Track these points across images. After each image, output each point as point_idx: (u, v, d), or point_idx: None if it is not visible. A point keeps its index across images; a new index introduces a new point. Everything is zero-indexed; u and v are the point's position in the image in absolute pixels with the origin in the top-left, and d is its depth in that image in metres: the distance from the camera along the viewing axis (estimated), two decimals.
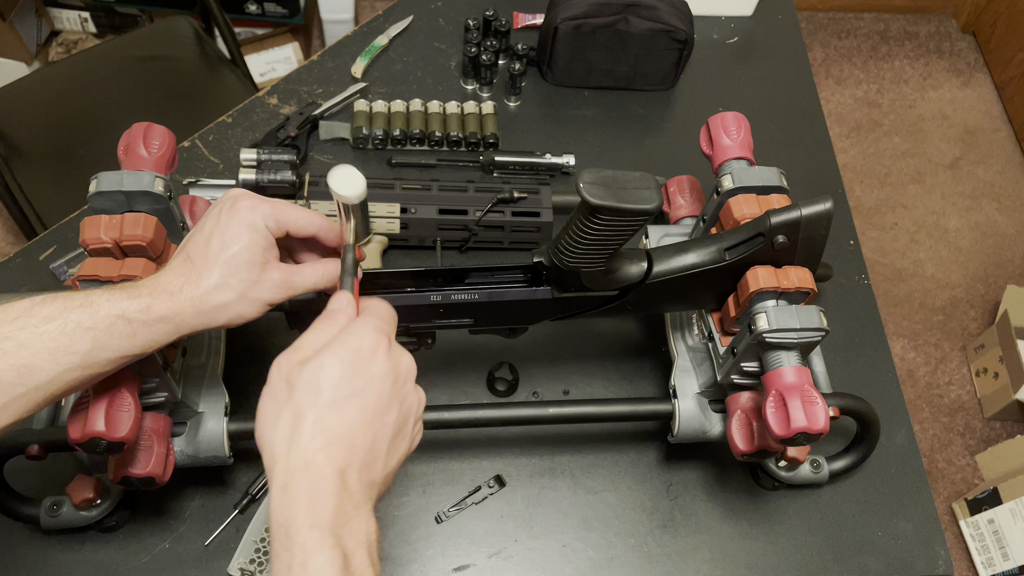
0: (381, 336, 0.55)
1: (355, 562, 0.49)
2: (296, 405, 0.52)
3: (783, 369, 0.72)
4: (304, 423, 0.51)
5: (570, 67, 1.21)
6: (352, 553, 0.49)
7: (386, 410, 0.54)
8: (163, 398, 0.73)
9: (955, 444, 1.95)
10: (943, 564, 0.90)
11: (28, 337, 0.54)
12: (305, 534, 0.48)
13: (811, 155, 1.22)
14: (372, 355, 0.54)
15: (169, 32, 1.65)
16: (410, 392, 0.57)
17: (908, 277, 2.18)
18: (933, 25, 2.69)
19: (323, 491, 0.49)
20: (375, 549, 0.51)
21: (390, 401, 0.54)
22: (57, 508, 0.79)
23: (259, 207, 0.62)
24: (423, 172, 1.13)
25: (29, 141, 1.47)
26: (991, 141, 2.44)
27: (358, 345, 0.54)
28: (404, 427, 0.56)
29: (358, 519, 0.50)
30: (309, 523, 0.48)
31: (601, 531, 0.90)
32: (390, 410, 0.54)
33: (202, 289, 0.60)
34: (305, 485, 0.49)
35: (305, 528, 0.48)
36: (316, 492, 0.49)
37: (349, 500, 0.50)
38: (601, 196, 0.63)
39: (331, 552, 0.48)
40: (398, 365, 0.56)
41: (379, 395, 0.54)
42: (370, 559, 0.50)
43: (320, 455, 0.50)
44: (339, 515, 0.49)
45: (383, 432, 0.54)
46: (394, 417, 0.55)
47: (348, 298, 0.60)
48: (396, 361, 0.56)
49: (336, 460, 0.51)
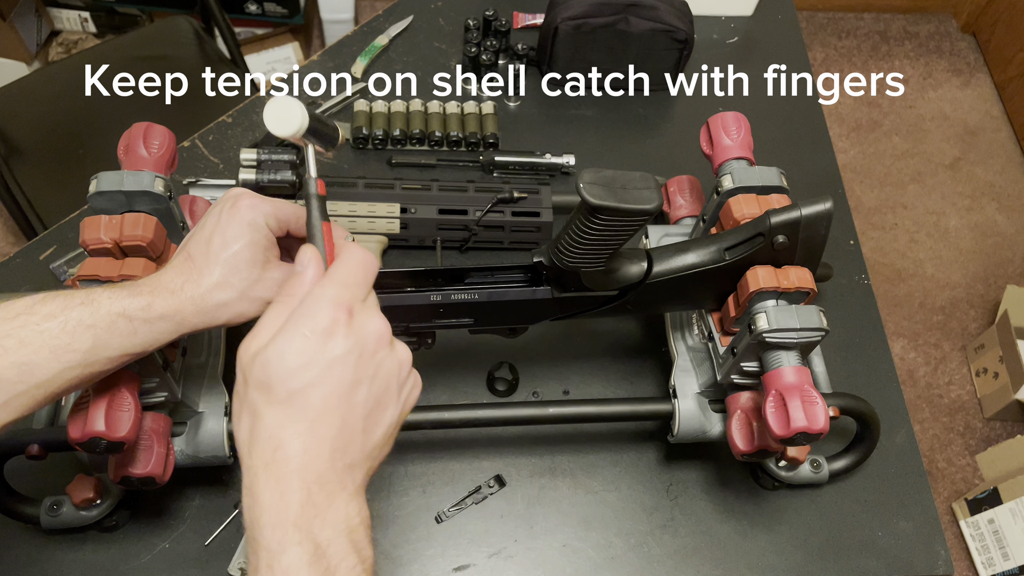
0: (339, 310, 0.50)
1: (332, 551, 0.47)
2: (251, 404, 0.50)
3: (783, 369, 0.72)
4: (260, 422, 0.49)
5: (570, 67, 1.21)
6: (328, 542, 0.47)
7: (352, 390, 0.50)
8: (163, 398, 0.73)
9: (955, 444, 1.95)
10: (943, 564, 0.90)
11: (29, 335, 0.54)
12: (268, 535, 0.47)
13: (811, 155, 1.22)
14: (327, 336, 0.50)
15: (169, 32, 1.65)
16: (384, 359, 0.52)
17: (908, 277, 2.18)
18: (933, 25, 2.69)
19: (287, 488, 0.47)
20: (361, 533, 0.49)
21: (356, 379, 0.50)
22: (57, 508, 0.79)
23: (260, 206, 0.62)
24: (423, 172, 1.13)
25: (29, 141, 1.47)
26: (991, 141, 2.44)
27: (311, 327, 0.50)
28: (384, 396, 0.52)
29: (333, 507, 0.48)
30: (272, 523, 0.47)
31: (601, 531, 0.90)
32: (357, 388, 0.50)
33: (203, 287, 0.60)
34: (267, 484, 0.48)
35: (268, 529, 0.47)
36: (279, 490, 0.47)
37: (320, 491, 0.48)
38: (601, 196, 0.63)
39: (296, 549, 0.46)
40: (362, 338, 0.51)
41: (340, 377, 0.50)
42: (352, 544, 0.48)
43: (279, 453, 0.48)
44: (308, 508, 0.47)
45: (353, 412, 0.50)
46: (364, 394, 0.51)
47: (311, 254, 0.55)
48: (359, 334, 0.51)
49: (299, 455, 0.48)
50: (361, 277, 0.54)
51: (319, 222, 0.57)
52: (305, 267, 0.54)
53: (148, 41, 1.64)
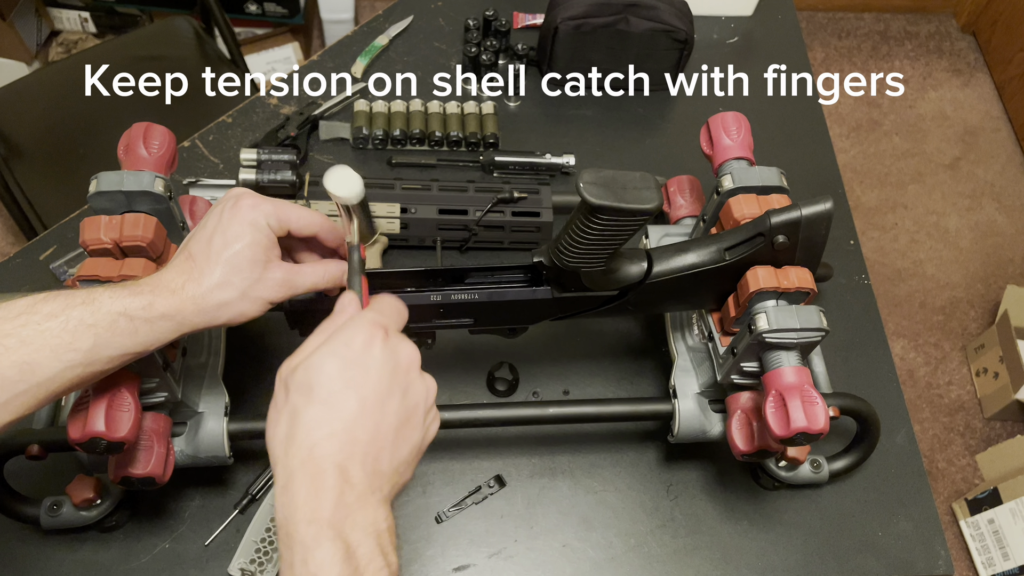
0: (376, 328, 0.55)
1: (361, 552, 0.48)
2: (292, 407, 0.52)
3: (783, 369, 0.72)
4: (299, 422, 0.51)
5: (570, 67, 1.21)
6: (357, 544, 0.49)
7: (386, 399, 0.53)
8: (163, 398, 0.73)
9: (955, 444, 1.95)
10: (943, 564, 0.90)
11: (30, 334, 0.54)
12: (303, 530, 0.48)
13: (811, 155, 1.22)
14: (366, 347, 0.54)
15: (169, 32, 1.65)
16: (415, 380, 0.56)
17: (908, 277, 2.18)
18: (933, 25, 2.69)
19: (321, 486, 0.49)
20: (387, 538, 0.51)
21: (390, 390, 0.54)
22: (57, 508, 0.79)
23: (261, 206, 0.63)
24: (423, 172, 1.13)
25: (29, 141, 1.47)
26: (991, 141, 2.44)
27: (350, 339, 0.54)
28: (413, 416, 0.55)
29: (363, 510, 0.50)
30: (307, 519, 0.48)
31: (601, 531, 0.90)
32: (390, 399, 0.54)
33: (204, 287, 0.60)
34: (303, 482, 0.50)
35: (303, 524, 0.48)
36: (314, 488, 0.49)
37: (351, 492, 0.50)
38: (601, 196, 0.63)
39: (331, 545, 0.48)
40: (396, 354, 0.55)
41: (376, 385, 0.53)
42: (379, 548, 0.50)
43: (316, 451, 0.50)
44: (340, 508, 0.49)
45: (386, 421, 0.53)
46: (396, 405, 0.54)
47: (351, 297, 0.61)
48: (394, 351, 0.55)
49: (334, 454, 0.50)
50: (395, 314, 0.59)
51: (359, 276, 0.64)
52: (345, 306, 0.60)
53: (148, 41, 1.64)
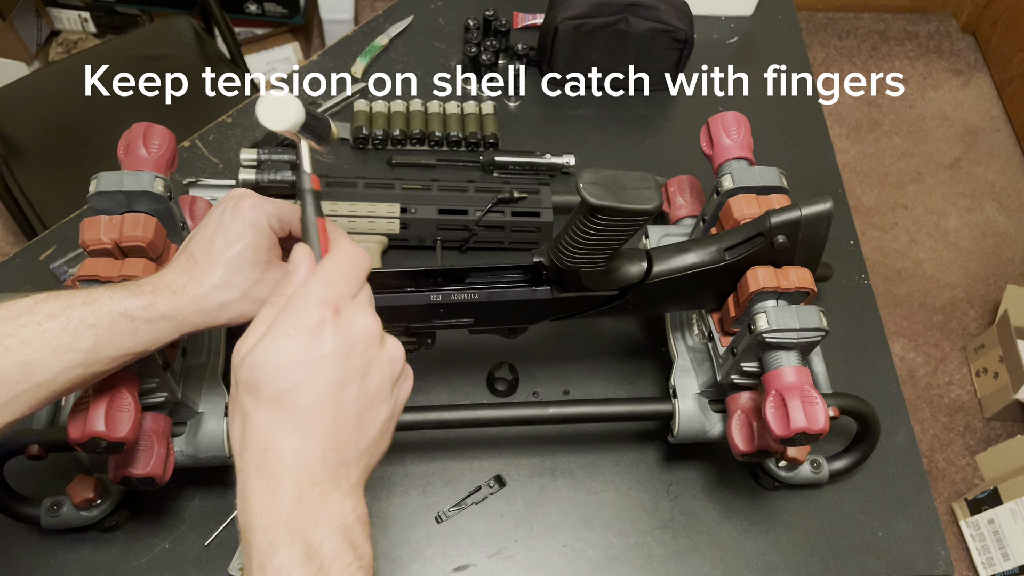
0: (325, 307, 0.50)
1: (325, 549, 0.47)
2: (241, 407, 0.50)
3: (783, 369, 0.72)
4: (249, 424, 0.49)
5: (570, 67, 1.21)
6: (320, 542, 0.47)
7: (341, 388, 0.50)
8: (163, 398, 0.73)
9: (955, 444, 1.95)
10: (943, 564, 0.90)
11: (31, 334, 0.54)
12: (259, 536, 0.47)
13: (811, 155, 1.22)
14: (314, 334, 0.49)
15: (169, 32, 1.65)
16: (375, 356, 0.52)
17: (908, 277, 2.18)
18: (933, 25, 2.69)
19: (277, 489, 0.47)
20: (357, 529, 0.49)
21: (345, 377, 0.50)
22: (57, 508, 0.79)
23: (262, 206, 0.62)
24: (423, 172, 1.13)
25: (29, 141, 1.47)
26: (991, 141, 2.44)
27: (297, 326, 0.49)
28: (377, 393, 0.52)
29: (326, 505, 0.48)
30: (263, 524, 0.47)
31: (601, 531, 0.90)
32: (347, 387, 0.50)
33: (205, 287, 0.60)
34: (257, 487, 0.48)
35: (260, 531, 0.47)
36: (270, 491, 0.47)
37: (312, 491, 0.48)
38: (601, 196, 0.63)
39: (288, 548, 0.46)
40: (350, 336, 0.50)
41: (329, 376, 0.49)
42: (347, 542, 0.48)
43: (269, 455, 0.48)
44: (299, 508, 0.47)
45: (344, 411, 0.50)
46: (355, 391, 0.50)
47: (303, 253, 0.55)
48: (347, 332, 0.50)
49: (287, 456, 0.48)
50: (351, 274, 0.53)
51: (314, 218, 0.56)
52: (297, 266, 0.54)
53: (148, 41, 1.64)
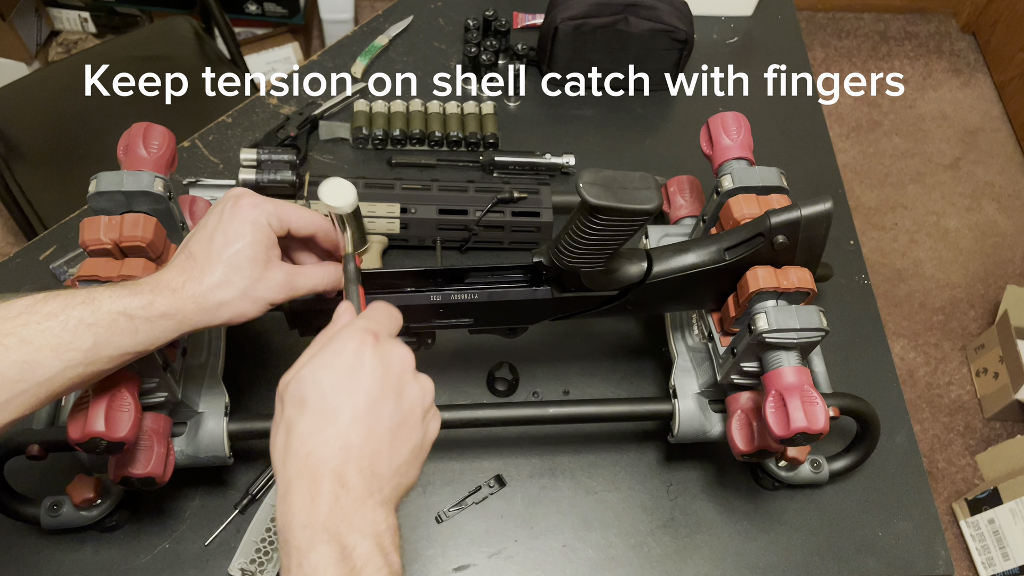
0: (365, 335, 0.55)
1: (358, 553, 0.49)
2: (287, 420, 0.53)
3: (783, 369, 0.72)
4: (294, 433, 0.52)
5: (570, 67, 1.21)
6: (354, 545, 0.49)
7: (379, 403, 0.54)
8: (163, 398, 0.73)
9: (955, 444, 1.95)
10: (943, 564, 0.90)
11: (31, 333, 0.54)
12: (299, 535, 0.49)
13: (811, 155, 1.22)
14: (356, 354, 0.54)
15: (169, 32, 1.65)
16: (408, 383, 0.56)
17: (908, 277, 2.18)
18: (933, 25, 2.69)
19: (317, 491, 0.50)
20: (388, 539, 0.51)
21: (382, 393, 0.54)
22: (57, 508, 0.79)
23: (262, 205, 0.63)
24: (423, 172, 1.13)
25: (29, 141, 1.47)
26: (991, 141, 2.44)
27: (340, 348, 0.54)
28: (409, 417, 0.55)
29: (361, 512, 0.51)
30: (302, 524, 0.49)
31: (601, 531, 0.90)
32: (383, 402, 0.54)
33: (204, 286, 0.60)
34: (299, 489, 0.50)
35: (299, 529, 0.49)
36: (310, 494, 0.50)
37: (348, 495, 0.50)
38: (601, 196, 0.63)
39: (325, 547, 0.48)
40: (388, 358, 0.55)
41: (368, 389, 0.53)
42: (379, 548, 0.50)
43: (311, 459, 0.51)
44: (336, 511, 0.50)
45: (380, 424, 0.53)
46: (391, 408, 0.54)
47: (347, 306, 0.62)
48: (385, 355, 0.55)
49: (328, 460, 0.51)
50: (388, 320, 0.59)
51: (355, 286, 0.65)
52: (340, 316, 0.60)
53: (148, 41, 1.64)
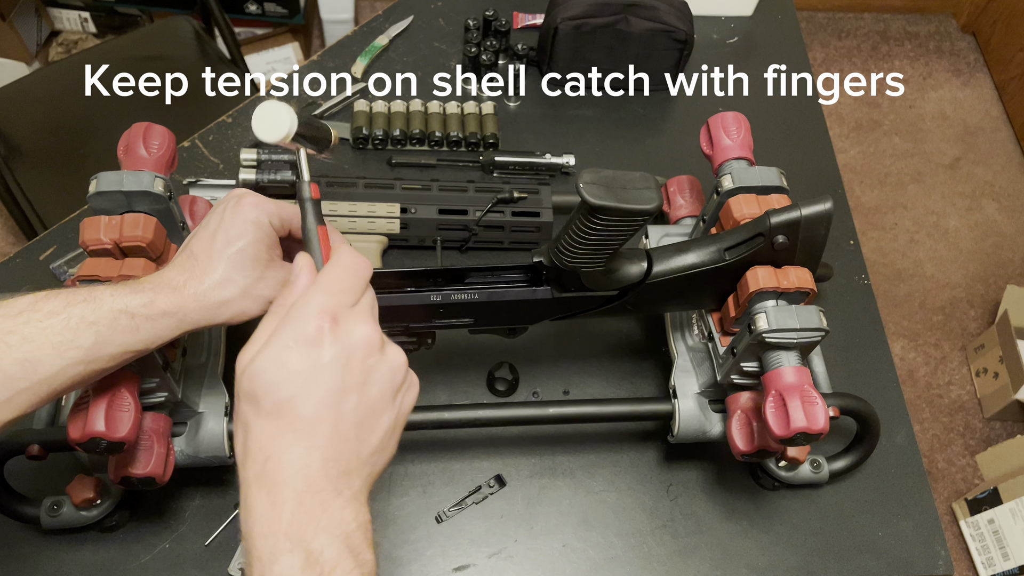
0: (323, 318, 0.50)
1: (326, 556, 0.47)
2: (243, 418, 0.50)
3: (783, 369, 0.72)
4: (250, 435, 0.50)
5: (570, 67, 1.21)
6: (320, 549, 0.47)
7: (341, 398, 0.50)
8: (163, 398, 0.73)
9: (955, 444, 1.95)
10: (943, 564, 0.90)
11: (32, 331, 0.54)
12: (260, 545, 0.47)
13: (811, 155, 1.22)
14: (312, 345, 0.50)
15: (169, 32, 1.65)
16: (375, 365, 0.52)
17: (908, 277, 2.18)
18: (933, 25, 2.69)
19: (278, 498, 0.47)
20: (358, 537, 0.49)
21: (344, 387, 0.50)
22: (57, 508, 0.79)
23: (263, 205, 0.63)
24: (423, 172, 1.13)
25: (29, 141, 1.47)
26: (991, 141, 2.44)
27: (296, 337, 0.50)
28: (379, 403, 0.52)
29: (327, 513, 0.48)
30: (263, 533, 0.47)
31: (601, 531, 0.90)
32: (346, 396, 0.50)
33: (206, 284, 0.60)
34: (258, 496, 0.48)
35: (260, 539, 0.47)
36: (270, 501, 0.48)
37: (312, 499, 0.48)
38: (601, 196, 0.63)
39: (287, 557, 0.46)
40: (348, 345, 0.51)
41: (328, 386, 0.49)
42: (348, 549, 0.48)
43: (269, 464, 0.48)
44: (300, 517, 0.47)
45: (345, 420, 0.50)
46: (355, 401, 0.51)
47: (304, 262, 0.55)
48: (345, 342, 0.50)
49: (288, 466, 0.48)
50: (349, 283, 0.53)
51: (314, 227, 0.56)
52: (297, 276, 0.54)
53: (148, 41, 1.63)
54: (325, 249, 0.57)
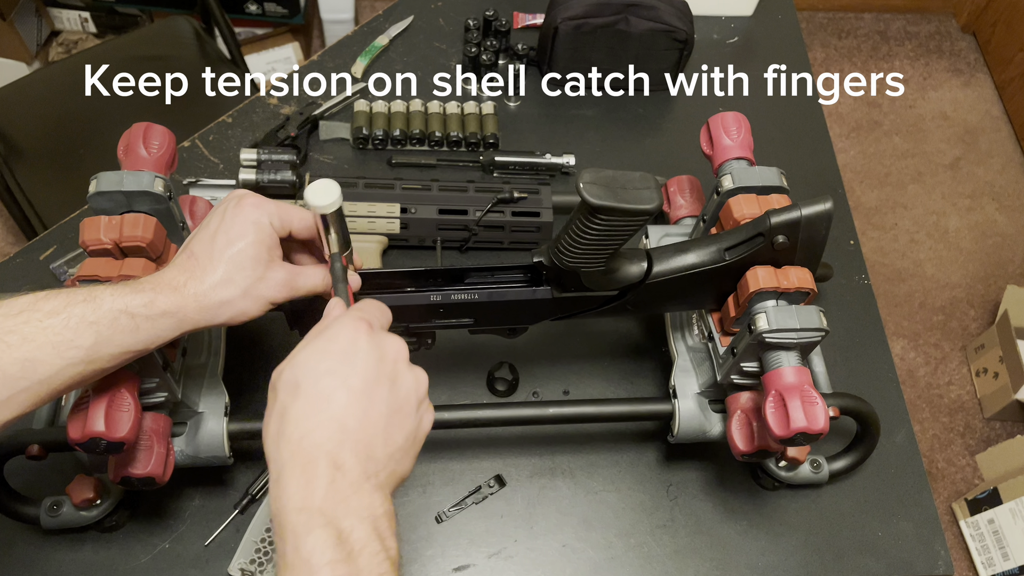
0: (359, 324, 0.55)
1: (355, 536, 0.48)
2: (280, 406, 0.53)
3: (783, 369, 0.72)
4: (287, 418, 0.52)
5: (570, 67, 1.21)
6: (351, 529, 0.49)
7: (374, 387, 0.54)
8: (163, 398, 0.73)
9: (955, 444, 1.95)
10: (943, 564, 0.90)
11: (32, 331, 0.54)
12: (294, 518, 0.48)
13: (811, 155, 1.22)
14: (351, 340, 0.54)
15: (169, 32, 1.65)
16: (402, 371, 0.56)
17: (908, 277, 2.18)
18: (933, 25, 2.69)
19: (312, 474, 0.50)
20: (384, 523, 0.51)
21: (377, 379, 0.54)
22: (57, 508, 0.79)
23: (264, 205, 0.63)
24: (423, 172, 1.13)
25: (29, 141, 1.47)
26: (991, 141, 2.44)
27: (334, 335, 0.55)
28: (404, 405, 0.55)
29: (357, 496, 0.50)
30: (297, 507, 0.49)
31: (601, 531, 0.90)
32: (378, 387, 0.54)
33: (206, 284, 0.60)
34: (293, 472, 0.50)
35: (294, 513, 0.49)
36: (305, 477, 0.50)
37: (343, 479, 0.50)
38: (601, 196, 0.63)
39: (322, 531, 0.48)
40: (382, 346, 0.56)
41: (363, 374, 0.53)
42: (375, 532, 0.50)
43: (305, 441, 0.51)
44: (332, 494, 0.49)
45: (375, 409, 0.53)
46: (385, 394, 0.54)
47: (337, 301, 0.62)
48: (379, 343, 0.56)
49: (323, 443, 0.51)
50: (379, 312, 0.60)
51: (344, 284, 0.64)
52: (331, 310, 0.61)
53: (148, 41, 1.64)
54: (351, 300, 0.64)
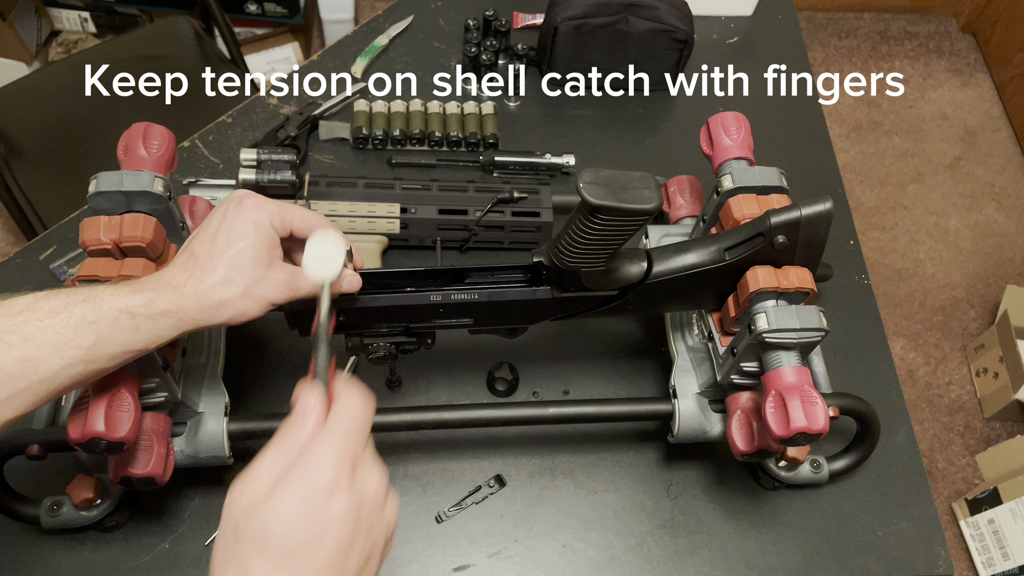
0: (343, 464, 0.48)
1: None
2: (241, 560, 0.46)
3: (783, 369, 0.72)
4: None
5: (570, 67, 1.21)
6: None
7: (348, 551, 0.48)
8: (163, 398, 0.73)
9: (955, 444, 1.95)
10: (943, 564, 0.90)
11: (32, 331, 0.54)
12: None
13: (811, 155, 1.22)
14: (330, 494, 0.47)
15: (169, 32, 1.65)
16: (378, 517, 0.51)
17: (908, 277, 2.18)
18: (933, 25, 2.69)
19: None
20: None
21: (352, 540, 0.48)
22: (57, 508, 0.79)
23: (265, 205, 0.63)
24: (423, 172, 1.13)
25: (29, 141, 1.47)
26: (991, 141, 2.44)
27: (314, 482, 0.47)
28: (373, 552, 0.51)
29: None
30: None
31: (601, 531, 0.90)
32: (352, 549, 0.48)
33: (206, 284, 0.60)
34: None
35: None
36: None
37: None
38: (601, 196, 0.63)
39: None
40: (362, 496, 0.49)
41: (339, 538, 0.47)
42: None
43: None
44: None
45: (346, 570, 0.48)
46: (357, 554, 0.49)
47: (314, 403, 0.51)
48: (360, 492, 0.49)
49: None
50: (360, 425, 0.51)
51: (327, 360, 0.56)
52: (307, 415, 0.51)
53: (148, 41, 1.64)
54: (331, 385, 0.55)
